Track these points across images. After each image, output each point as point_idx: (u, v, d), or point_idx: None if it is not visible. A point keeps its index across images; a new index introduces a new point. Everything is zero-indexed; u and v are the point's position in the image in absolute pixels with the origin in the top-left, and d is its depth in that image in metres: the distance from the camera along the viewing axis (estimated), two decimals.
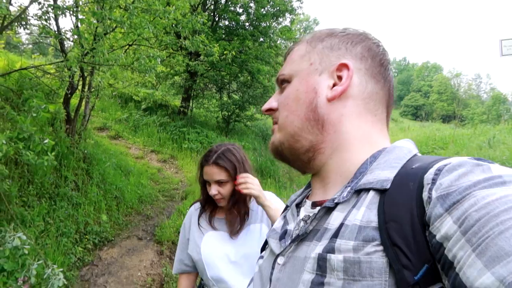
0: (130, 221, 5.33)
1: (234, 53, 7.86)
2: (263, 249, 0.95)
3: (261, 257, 0.88)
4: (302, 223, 0.77)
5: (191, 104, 11.23)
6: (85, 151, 5.54)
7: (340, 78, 0.74)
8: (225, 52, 7.65)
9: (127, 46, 5.24)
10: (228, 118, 11.96)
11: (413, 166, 0.63)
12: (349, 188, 0.68)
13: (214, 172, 1.81)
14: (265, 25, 11.46)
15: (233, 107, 11.68)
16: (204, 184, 1.91)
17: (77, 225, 4.41)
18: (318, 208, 0.74)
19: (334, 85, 0.74)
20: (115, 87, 5.96)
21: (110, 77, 5.48)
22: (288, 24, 12.54)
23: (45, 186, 4.41)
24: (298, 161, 0.78)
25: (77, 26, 4.30)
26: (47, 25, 4.10)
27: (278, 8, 11.20)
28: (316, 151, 0.75)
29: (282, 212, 0.97)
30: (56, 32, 4.42)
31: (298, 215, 0.82)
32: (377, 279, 0.54)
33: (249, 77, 11.61)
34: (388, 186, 0.61)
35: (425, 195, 0.56)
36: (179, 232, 4.97)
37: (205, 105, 11.71)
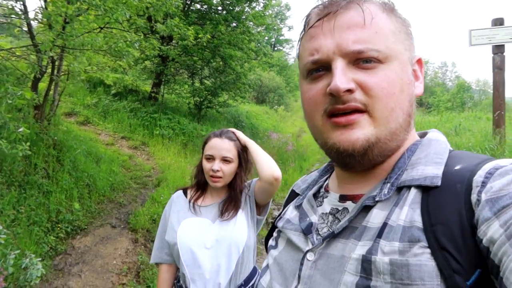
0: (103, 209, 5.24)
1: (209, 36, 7.76)
2: (269, 237, 0.90)
3: (272, 246, 0.83)
4: (330, 217, 0.73)
5: (162, 89, 11.03)
6: (55, 138, 5.36)
7: (414, 72, 0.69)
8: (199, 35, 7.53)
9: (99, 29, 5.07)
10: (200, 104, 11.84)
11: (457, 167, 0.60)
12: (389, 185, 0.64)
13: (224, 147, 1.83)
14: (238, 9, 11.34)
15: (205, 93, 11.56)
16: (201, 167, 1.91)
17: (48, 214, 4.31)
18: (349, 202, 0.71)
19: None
20: (89, 71, 5.76)
21: (86, 62, 5.30)
22: (261, 9, 12.45)
23: (14, 174, 4.26)
24: (371, 162, 0.67)
25: (45, 7, 4.12)
26: (14, 5, 3.91)
27: None
28: (393, 153, 0.68)
29: (290, 200, 0.92)
30: (23, 13, 4.22)
31: (319, 206, 0.78)
32: (428, 283, 0.51)
33: (221, 63, 11.51)
34: (439, 183, 0.58)
35: (473, 197, 0.54)
36: (153, 220, 4.95)
37: (176, 90, 11.53)
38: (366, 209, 0.65)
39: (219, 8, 11.41)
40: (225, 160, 1.81)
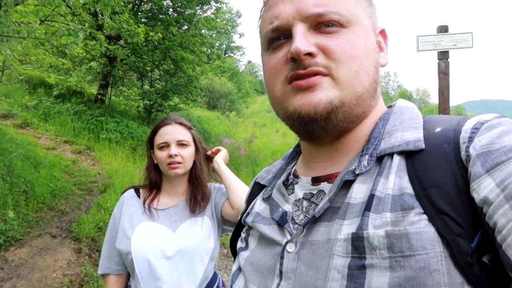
0: (42, 218, 4.79)
1: (160, 35, 7.43)
2: (236, 239, 0.83)
3: (242, 248, 0.75)
4: (305, 203, 0.67)
5: (109, 91, 10.51)
6: None
7: (378, 43, 0.68)
8: (150, 34, 7.20)
9: (39, 22, 4.66)
10: (150, 107, 11.42)
11: (437, 129, 0.58)
12: (367, 156, 0.60)
13: (178, 131, 1.65)
14: (189, 12, 11.10)
15: (155, 96, 11.17)
16: (153, 163, 1.70)
17: None
18: (324, 183, 0.66)
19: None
20: (26, 61, 5.28)
21: (22, 50, 4.82)
22: (213, 13, 12.31)
23: None
24: (340, 128, 0.63)
25: None
26: None
27: None
28: (363, 119, 0.65)
29: (254, 194, 0.85)
30: None
31: (290, 195, 0.72)
32: (431, 251, 0.47)
33: (172, 66, 11.18)
34: (423, 146, 0.56)
35: (463, 154, 0.52)
36: (99, 228, 4.59)
37: (125, 93, 11.02)
38: (345, 186, 0.60)
39: (170, 10, 11.10)
40: (181, 144, 1.64)
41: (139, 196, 1.71)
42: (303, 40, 0.59)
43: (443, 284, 0.46)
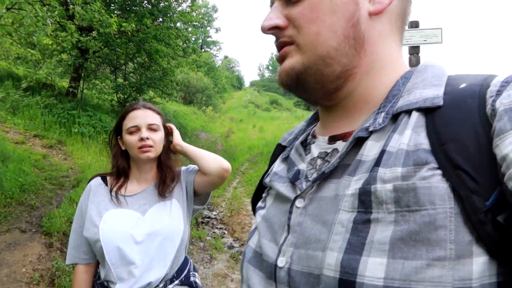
0: (10, 213, 4.63)
1: (134, 26, 7.25)
2: (257, 200, 0.84)
3: (261, 207, 0.77)
4: (319, 161, 0.68)
5: (81, 85, 10.23)
6: None
7: None
8: (123, 25, 7.01)
9: (5, 10, 4.48)
10: (124, 101, 11.17)
11: (462, 85, 0.55)
12: (383, 114, 0.59)
13: (148, 115, 1.63)
14: (163, 4, 10.90)
15: (129, 90, 10.94)
16: (121, 150, 1.67)
17: None
18: (339, 142, 0.66)
19: None
20: None
21: None
22: (189, 6, 12.13)
23: None
24: (321, 90, 0.65)
25: None
26: None
27: None
28: (348, 77, 0.63)
29: (276, 156, 0.87)
30: None
31: (307, 154, 0.72)
32: (440, 207, 0.46)
33: (146, 59, 10.96)
34: (441, 103, 0.53)
35: (488, 109, 0.49)
36: (71, 222, 4.47)
37: (97, 86, 10.74)
38: (359, 143, 0.59)
39: (145, 2, 10.85)
40: (151, 128, 1.62)
41: (106, 184, 1.66)
42: (270, 15, 0.64)
43: (449, 241, 0.45)
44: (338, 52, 0.61)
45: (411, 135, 0.52)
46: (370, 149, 0.57)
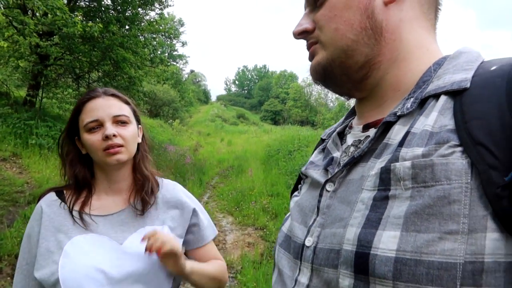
0: None
1: (101, 26, 6.70)
2: (295, 189, 0.87)
3: (296, 196, 0.81)
4: (352, 148, 0.71)
5: (41, 93, 9.53)
6: None
7: None
8: (89, 25, 6.45)
9: None
10: None
11: (493, 67, 0.54)
12: (412, 99, 0.60)
13: (112, 104, 1.18)
14: (130, 13, 10.43)
15: None
16: (79, 155, 1.23)
17: None
18: (372, 129, 0.69)
19: None
20: None
21: None
22: (157, 17, 11.75)
23: None
24: (350, 81, 0.70)
25: None
26: None
27: None
28: (372, 66, 0.66)
29: (316, 147, 0.90)
30: None
31: (343, 144, 0.76)
32: (455, 182, 0.47)
33: (112, 67, 10.36)
34: (467, 85, 0.54)
35: None
36: None
37: (58, 95, 10.03)
38: (388, 128, 0.61)
39: (110, 9, 10.34)
40: (119, 121, 1.19)
41: (63, 201, 1.20)
42: (300, 21, 0.72)
43: (463, 215, 0.45)
44: (357, 43, 0.64)
45: (437, 117, 0.54)
46: (397, 133, 0.59)
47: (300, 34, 0.71)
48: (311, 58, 0.72)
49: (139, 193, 1.23)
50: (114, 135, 1.14)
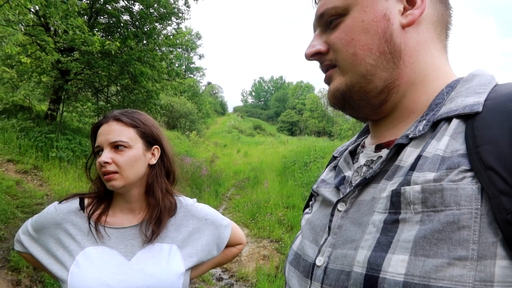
0: None
1: (118, 44, 6.90)
2: (306, 206, 0.88)
3: (307, 213, 0.82)
4: (364, 168, 0.71)
5: (61, 107, 9.79)
6: None
7: (410, 1, 0.65)
8: (107, 42, 6.65)
9: None
10: None
11: (505, 92, 0.55)
12: (424, 121, 0.61)
13: (112, 130, 1.21)
14: (148, 28, 10.67)
15: None
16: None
17: None
18: (384, 150, 0.69)
19: (404, 9, 0.65)
20: None
21: None
22: (174, 31, 11.99)
23: None
24: (368, 106, 0.69)
25: None
26: None
27: (164, 9, 10.52)
28: (391, 90, 0.66)
29: (328, 164, 0.90)
30: None
31: (355, 163, 0.76)
32: (465, 207, 0.47)
33: (130, 81, 10.58)
34: (480, 109, 0.54)
35: None
36: None
37: (78, 109, 10.30)
38: (400, 149, 0.62)
39: (129, 24, 10.60)
40: (116, 146, 1.21)
41: (83, 209, 1.27)
42: (312, 42, 0.71)
43: (472, 241, 0.45)
44: (377, 68, 0.64)
45: (449, 142, 0.54)
46: (409, 155, 0.59)
47: (313, 55, 0.70)
48: (327, 81, 0.72)
49: (150, 220, 1.26)
50: (106, 162, 1.18)
